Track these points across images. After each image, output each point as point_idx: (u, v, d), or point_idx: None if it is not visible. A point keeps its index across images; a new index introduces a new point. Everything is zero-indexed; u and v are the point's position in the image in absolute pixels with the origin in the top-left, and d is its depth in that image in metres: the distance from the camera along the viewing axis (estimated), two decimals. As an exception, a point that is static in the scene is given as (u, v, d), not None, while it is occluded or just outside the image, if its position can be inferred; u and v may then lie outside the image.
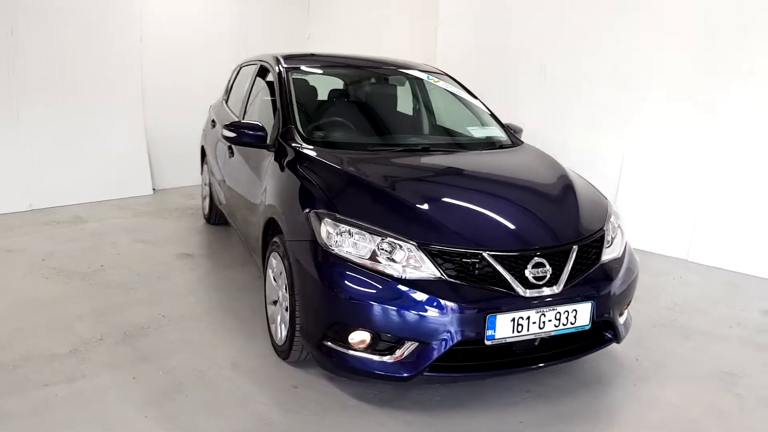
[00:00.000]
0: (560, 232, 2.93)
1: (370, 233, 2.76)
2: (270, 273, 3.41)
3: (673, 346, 3.68)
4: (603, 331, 3.05)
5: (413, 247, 2.71)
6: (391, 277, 2.68)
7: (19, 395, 2.86)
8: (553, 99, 5.99)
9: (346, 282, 2.71)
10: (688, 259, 5.30)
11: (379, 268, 2.71)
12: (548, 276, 2.77)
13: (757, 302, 4.41)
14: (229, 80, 5.57)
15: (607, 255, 3.04)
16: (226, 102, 5.33)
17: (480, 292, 2.67)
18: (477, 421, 2.83)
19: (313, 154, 3.37)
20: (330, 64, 4.52)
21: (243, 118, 4.48)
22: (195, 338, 3.52)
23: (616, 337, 3.07)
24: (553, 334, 2.79)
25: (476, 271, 2.70)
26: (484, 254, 2.71)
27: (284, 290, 3.16)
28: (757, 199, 4.93)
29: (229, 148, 4.40)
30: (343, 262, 2.75)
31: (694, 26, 5.13)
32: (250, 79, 4.65)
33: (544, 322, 2.75)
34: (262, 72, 4.51)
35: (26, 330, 3.52)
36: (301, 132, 3.58)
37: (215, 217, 5.55)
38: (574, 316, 2.82)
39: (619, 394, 3.13)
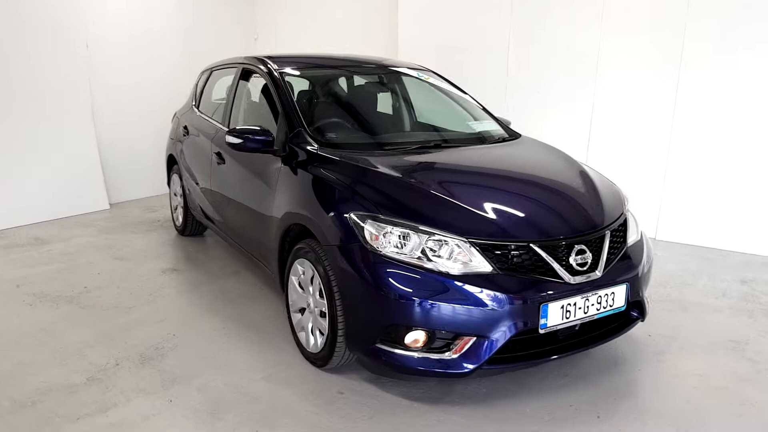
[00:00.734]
0: (593, 218, 3.02)
1: (415, 232, 2.75)
2: (294, 280, 3.33)
3: (675, 319, 3.87)
4: (630, 311, 3.17)
5: (461, 242, 2.72)
6: (442, 273, 2.69)
7: (54, 431, 2.67)
8: (517, 90, 6.14)
9: (397, 283, 2.69)
10: (657, 237, 5.59)
11: (430, 266, 2.70)
12: (589, 262, 2.85)
13: (732, 273, 4.72)
14: (196, 85, 5.37)
15: (631, 238, 3.17)
16: (198, 108, 5.14)
17: (531, 283, 2.72)
18: (530, 407, 2.89)
19: (334, 156, 3.31)
20: (319, 64, 4.44)
21: (229, 124, 4.34)
22: (215, 354, 3.38)
23: (642, 316, 3.20)
24: (595, 317, 2.88)
25: (525, 262, 2.75)
26: (532, 245, 2.76)
27: (318, 296, 3.09)
28: (718, 178, 5.26)
29: (218, 154, 4.25)
30: (393, 263, 2.72)
31: (643, 12, 5.40)
32: (231, 83, 4.50)
33: (588, 307, 2.84)
34: (246, 75, 4.38)
35: (31, 362, 3.27)
36: (313, 135, 3.52)
37: (191, 228, 5.35)
38: (613, 299, 2.92)
39: (648, 369, 3.27)
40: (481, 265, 2.70)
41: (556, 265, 2.76)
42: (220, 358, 3.34)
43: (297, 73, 4.13)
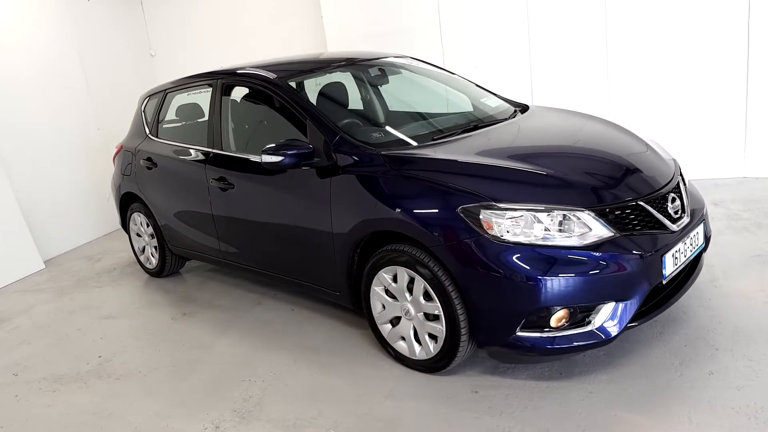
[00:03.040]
0: (665, 167, 3.16)
1: (533, 212, 2.72)
2: (379, 291, 3.17)
3: (696, 249, 4.17)
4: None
5: (579, 212, 2.73)
6: (569, 247, 2.69)
7: None
8: (454, 66, 6.20)
9: (530, 267, 2.65)
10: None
11: (555, 242, 2.69)
12: (680, 208, 3.00)
13: (701, 198, 5.16)
14: (143, 111, 4.85)
15: (686, 179, 3.37)
16: (155, 135, 4.65)
17: (649, 238, 2.80)
18: (655, 358, 2.98)
19: (406, 155, 3.15)
20: (310, 68, 4.10)
21: (222, 147, 3.98)
22: (312, 388, 3.14)
23: (706, 245, 3.40)
24: (690, 258, 3.04)
25: (638, 220, 2.82)
26: (639, 202, 2.84)
27: (422, 300, 2.97)
28: (658, 109, 5.69)
29: (221, 179, 3.89)
30: (519, 248, 2.68)
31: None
32: (211, 102, 4.09)
33: (686, 250, 2.99)
34: (227, 91, 4.04)
35: (120, 452, 2.85)
36: (360, 137, 3.33)
37: (171, 266, 4.87)
38: (697, 238, 3.10)
39: (715, 298, 3.49)
40: (602, 231, 2.73)
41: (661, 217, 2.87)
42: (321, 390, 3.10)
43: (298, 79, 3.87)
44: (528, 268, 2.65)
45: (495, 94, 4.20)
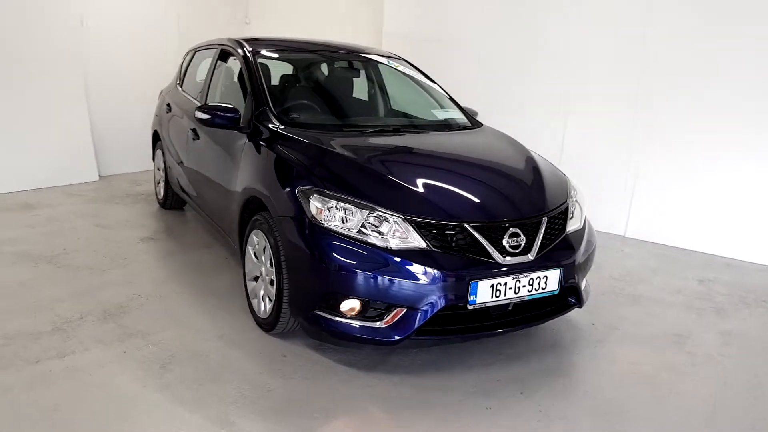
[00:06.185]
0: (531, 204, 3.18)
1: (358, 207, 2.92)
2: (250, 250, 3.51)
3: (623, 311, 4.00)
4: (568, 297, 3.32)
5: (400, 219, 2.89)
6: (379, 248, 2.86)
7: (14, 370, 2.90)
8: (489, 86, 6.28)
9: (336, 254, 2.87)
10: (626, 235, 5.72)
11: (368, 239, 2.88)
12: (523, 245, 3.01)
13: (692, 272, 4.83)
14: (182, 65, 5.56)
15: (571, 226, 3.31)
16: (181, 86, 5.33)
17: (463, 261, 2.88)
18: (458, 380, 3.05)
19: (292, 134, 3.49)
20: (293, 48, 4.60)
21: (205, 102, 4.52)
22: (176, 315, 3.59)
23: (579, 302, 3.35)
24: (526, 298, 3.04)
25: (459, 242, 2.91)
26: (466, 226, 2.92)
27: (269, 265, 3.28)
28: (684, 181, 5.38)
29: (193, 131, 4.44)
30: (333, 235, 2.90)
31: (621, 18, 5.54)
32: (210, 63, 4.68)
33: (519, 288, 2.99)
34: (223, 56, 4.57)
35: (5, 312, 3.50)
36: (277, 114, 3.69)
37: (171, 201, 5.55)
38: (545, 282, 3.07)
39: (583, 354, 3.42)
40: (417, 241, 2.87)
41: (488, 246, 2.92)
42: (178, 318, 3.54)
43: (270, 55, 4.30)
44: (332, 254, 2.87)
45: (462, 109, 4.32)
